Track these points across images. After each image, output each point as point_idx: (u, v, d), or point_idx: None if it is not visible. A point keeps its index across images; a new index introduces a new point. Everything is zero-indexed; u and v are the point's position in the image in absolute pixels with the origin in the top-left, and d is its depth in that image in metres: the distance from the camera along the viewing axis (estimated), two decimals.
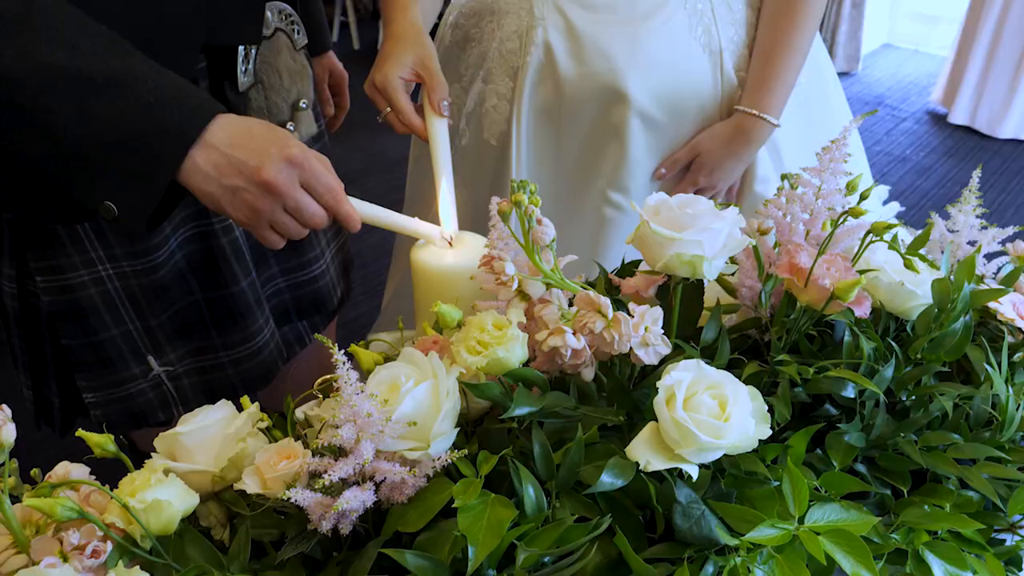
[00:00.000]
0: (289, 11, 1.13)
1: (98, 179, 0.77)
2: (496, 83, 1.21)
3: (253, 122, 0.80)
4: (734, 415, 0.58)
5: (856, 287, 0.66)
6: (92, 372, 1.13)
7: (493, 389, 0.59)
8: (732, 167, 1.18)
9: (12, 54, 0.73)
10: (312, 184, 0.80)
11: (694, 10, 1.13)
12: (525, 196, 0.60)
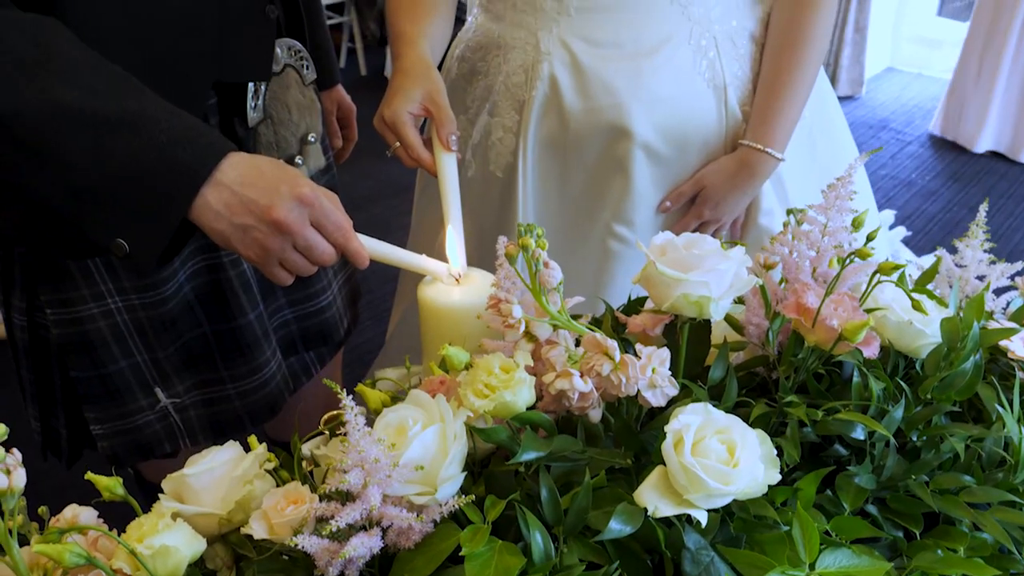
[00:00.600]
0: (299, 47, 1.14)
1: (110, 217, 0.78)
2: (502, 116, 1.21)
3: (263, 160, 0.81)
4: (743, 461, 0.57)
5: (864, 329, 0.66)
6: (100, 404, 1.13)
7: (500, 433, 0.59)
8: (737, 201, 1.18)
9: (29, 95, 0.74)
10: (322, 222, 0.81)
11: (698, 46, 1.14)
12: (532, 240, 0.60)
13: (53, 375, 1.14)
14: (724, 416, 0.60)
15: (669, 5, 1.12)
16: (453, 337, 0.83)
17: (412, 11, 1.14)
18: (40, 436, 1.21)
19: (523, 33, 1.18)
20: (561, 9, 1.13)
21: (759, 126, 1.14)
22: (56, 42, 0.77)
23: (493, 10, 1.23)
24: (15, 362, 1.17)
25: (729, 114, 1.16)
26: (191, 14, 0.95)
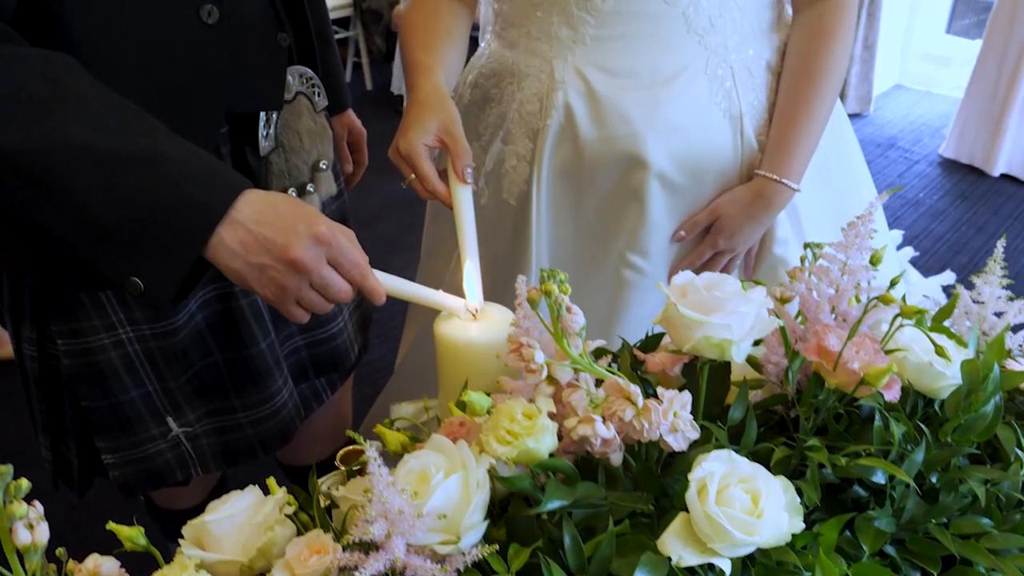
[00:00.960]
0: (310, 74, 1.14)
1: (125, 255, 0.77)
2: (516, 144, 1.21)
3: (279, 198, 0.81)
4: (767, 511, 0.57)
5: (887, 374, 0.65)
6: (111, 434, 1.13)
7: (523, 481, 0.58)
8: (752, 231, 1.18)
9: (41, 134, 0.73)
10: (339, 261, 0.81)
11: (715, 76, 1.14)
12: (555, 286, 0.60)
13: (64, 405, 1.14)
14: (748, 464, 0.60)
15: (686, 34, 1.12)
16: (470, 373, 0.83)
17: (426, 39, 1.14)
18: (51, 465, 1.21)
19: (537, 61, 1.18)
20: (576, 38, 1.13)
21: (776, 157, 1.14)
22: (68, 78, 0.77)
23: (507, 37, 1.23)
24: (25, 392, 1.17)
25: (745, 144, 1.16)
26: (203, 45, 0.95)
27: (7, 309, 1.10)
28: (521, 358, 0.62)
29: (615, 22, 1.11)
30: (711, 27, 1.12)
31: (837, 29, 1.12)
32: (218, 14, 0.94)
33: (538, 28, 1.16)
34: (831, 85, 1.13)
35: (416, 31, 1.16)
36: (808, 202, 1.24)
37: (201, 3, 0.93)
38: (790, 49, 1.17)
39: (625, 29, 1.11)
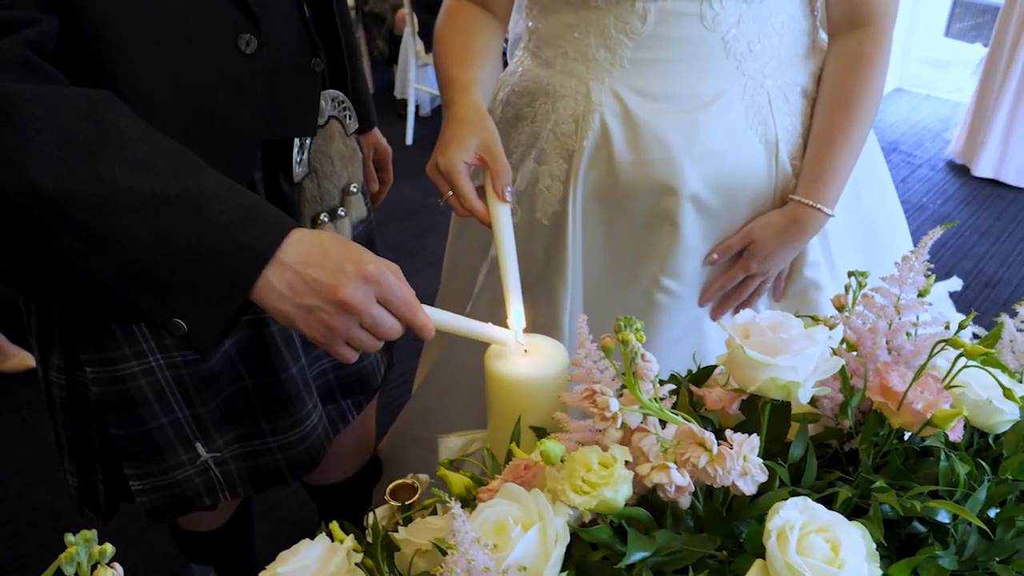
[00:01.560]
0: (342, 98, 1.14)
1: (169, 298, 0.76)
2: (550, 164, 1.21)
3: (326, 237, 0.79)
4: (848, 560, 0.57)
5: (956, 417, 0.65)
6: (140, 460, 1.12)
7: (604, 533, 0.58)
8: (785, 255, 1.18)
9: (85, 176, 0.72)
10: (388, 299, 0.79)
11: (752, 101, 1.14)
12: (632, 335, 0.59)
13: (91, 432, 1.14)
14: (827, 513, 0.59)
15: (724, 60, 1.11)
16: (522, 409, 0.83)
17: (462, 56, 1.13)
18: (77, 491, 1.21)
19: (574, 82, 1.17)
20: (614, 60, 1.13)
21: (811, 183, 1.14)
22: (111, 119, 0.76)
23: (542, 56, 1.22)
24: (52, 419, 1.16)
25: (780, 169, 1.16)
26: (241, 76, 0.94)
27: (35, 336, 1.09)
28: (595, 405, 0.62)
29: (654, 46, 1.10)
30: (750, 52, 1.12)
31: (876, 56, 1.12)
32: (256, 44, 0.94)
33: (575, 49, 1.16)
34: (868, 112, 1.13)
35: (452, 46, 1.15)
36: (838, 226, 1.24)
37: (240, 33, 0.93)
38: (827, 75, 1.17)
39: (664, 53, 1.11)
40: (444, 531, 0.69)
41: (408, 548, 0.69)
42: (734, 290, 1.23)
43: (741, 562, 0.63)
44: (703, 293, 1.22)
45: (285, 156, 1.06)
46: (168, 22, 0.87)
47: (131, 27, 0.85)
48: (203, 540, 1.52)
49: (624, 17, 1.09)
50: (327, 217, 1.13)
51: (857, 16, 1.12)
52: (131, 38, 0.85)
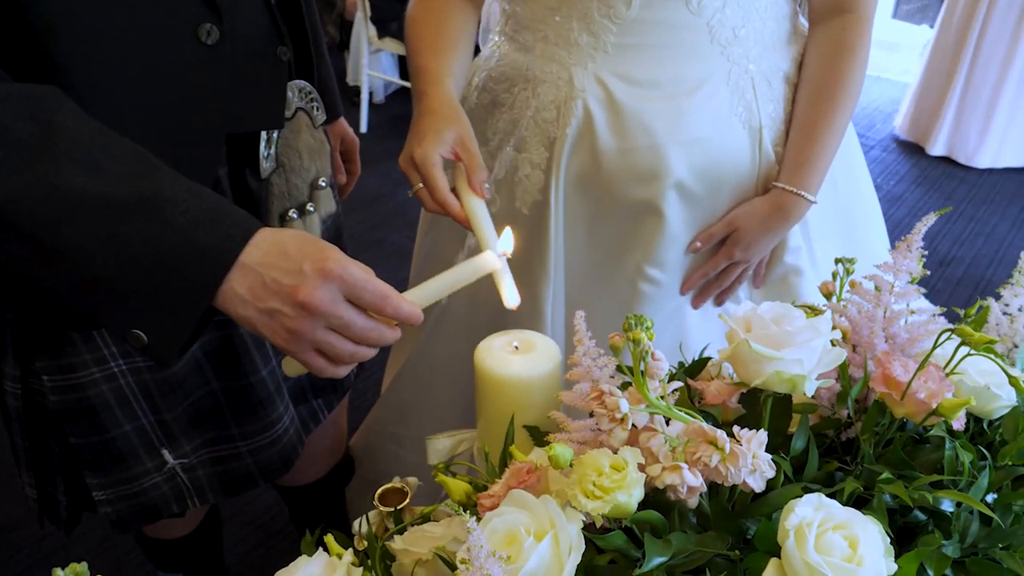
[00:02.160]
0: (308, 88, 1.09)
1: (127, 309, 0.70)
2: (530, 152, 1.18)
3: (289, 235, 0.73)
4: (867, 557, 0.56)
5: (963, 407, 0.65)
6: (103, 470, 1.08)
7: (619, 539, 0.56)
8: (768, 242, 1.17)
9: (29, 179, 0.66)
10: (358, 296, 0.72)
11: (736, 87, 1.12)
12: (643, 334, 0.57)
13: (50, 442, 1.08)
14: (842, 509, 0.58)
15: (709, 45, 1.10)
16: (514, 408, 0.80)
17: (435, 43, 1.10)
18: (36, 504, 1.15)
19: (555, 67, 1.14)
20: (597, 45, 1.10)
21: (795, 170, 1.13)
22: (57, 117, 0.69)
23: (520, 40, 1.19)
24: (7, 430, 1.10)
25: (763, 155, 1.15)
26: (202, 67, 0.89)
27: None
28: (603, 406, 0.60)
29: (638, 31, 1.09)
30: (734, 37, 1.10)
31: (858, 43, 1.12)
32: (218, 34, 0.89)
33: (556, 33, 1.13)
34: (851, 99, 1.13)
35: (424, 32, 1.11)
36: (817, 211, 1.23)
37: (200, 23, 0.87)
38: (809, 61, 1.16)
39: (648, 39, 1.09)
40: (444, 539, 0.67)
41: (407, 558, 0.67)
42: (716, 278, 1.22)
43: (753, 560, 0.62)
44: (685, 281, 1.21)
45: (251, 151, 1.02)
46: (124, 12, 0.82)
47: (84, 18, 0.79)
48: (171, 548, 1.47)
49: (608, 1, 1.07)
50: (296, 213, 1.09)
51: (840, 2, 1.12)
52: (84, 30, 0.80)
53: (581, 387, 0.69)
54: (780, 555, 0.59)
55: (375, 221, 3.41)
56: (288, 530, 1.99)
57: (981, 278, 3.08)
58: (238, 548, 1.95)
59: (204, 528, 1.48)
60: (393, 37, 3.98)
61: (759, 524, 0.64)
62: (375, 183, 3.66)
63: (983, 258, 3.21)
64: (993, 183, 3.82)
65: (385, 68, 4.56)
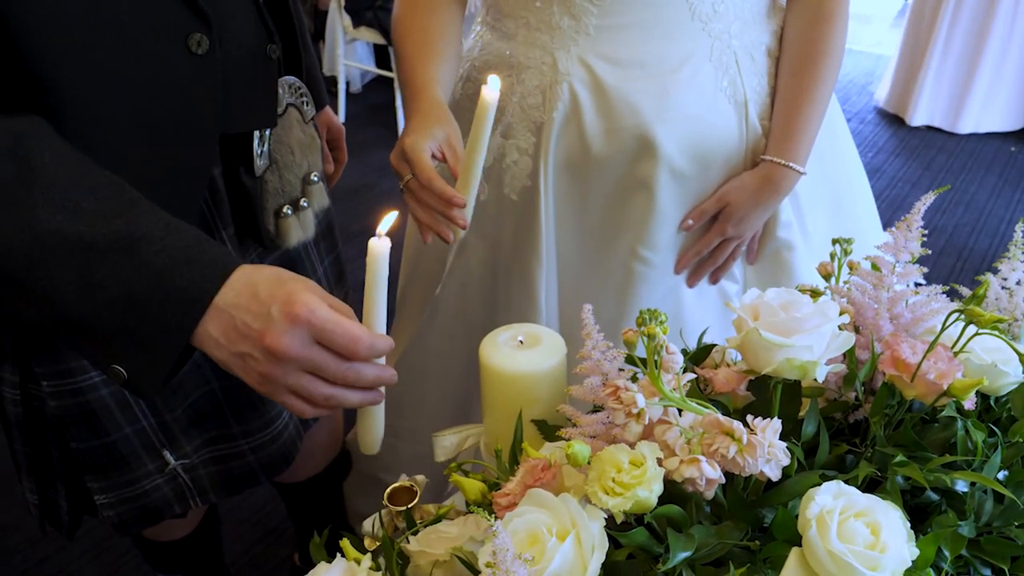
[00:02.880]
0: (298, 84, 1.08)
1: (106, 346, 0.70)
2: (517, 138, 1.18)
3: (261, 276, 0.71)
4: (890, 544, 0.56)
5: (975, 387, 0.65)
6: (104, 473, 1.07)
7: (642, 536, 0.56)
8: (759, 216, 1.18)
9: (6, 221, 0.66)
10: (327, 340, 0.69)
11: (719, 62, 1.13)
12: (657, 328, 0.57)
13: (50, 447, 1.08)
14: (863, 496, 0.58)
15: (690, 21, 1.10)
16: (521, 403, 0.80)
17: (423, 52, 1.11)
18: (37, 509, 1.15)
19: (538, 52, 1.14)
20: (579, 28, 1.10)
21: (782, 142, 1.14)
22: (36, 155, 0.69)
23: (501, 28, 1.18)
24: (7, 436, 1.10)
25: (750, 129, 1.16)
26: (193, 77, 0.88)
27: None
28: (619, 402, 0.59)
29: (619, 11, 1.08)
30: (714, 13, 1.11)
31: (837, 12, 1.13)
32: (208, 43, 0.87)
33: (537, 18, 1.12)
34: (833, 67, 1.14)
35: (412, 39, 1.11)
36: (806, 185, 1.24)
37: (189, 33, 0.86)
38: (789, 33, 1.16)
39: (629, 18, 1.09)
40: (460, 539, 0.66)
41: (424, 560, 0.66)
42: (709, 255, 1.22)
43: (772, 549, 0.62)
44: (679, 260, 1.22)
45: (244, 149, 1.01)
46: (112, 26, 0.80)
47: (71, 34, 0.78)
48: (170, 550, 1.46)
49: None
50: (290, 209, 1.08)
51: None
52: (71, 46, 0.78)
53: (592, 381, 0.68)
54: (800, 543, 0.59)
55: (358, 212, 3.38)
56: (285, 526, 1.98)
57: (963, 247, 3.10)
58: (236, 546, 1.94)
59: (203, 529, 1.47)
60: (368, 26, 3.93)
61: (775, 512, 0.64)
62: (356, 173, 3.63)
63: (964, 227, 3.24)
64: (971, 152, 3.85)
65: (361, 57, 4.51)
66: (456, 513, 0.72)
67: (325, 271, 1.27)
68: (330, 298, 0.72)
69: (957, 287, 0.95)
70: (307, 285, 0.71)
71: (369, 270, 0.70)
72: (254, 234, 1.06)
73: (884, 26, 4.41)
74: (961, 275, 2.93)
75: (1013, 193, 3.49)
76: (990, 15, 3.77)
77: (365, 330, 0.70)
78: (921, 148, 3.88)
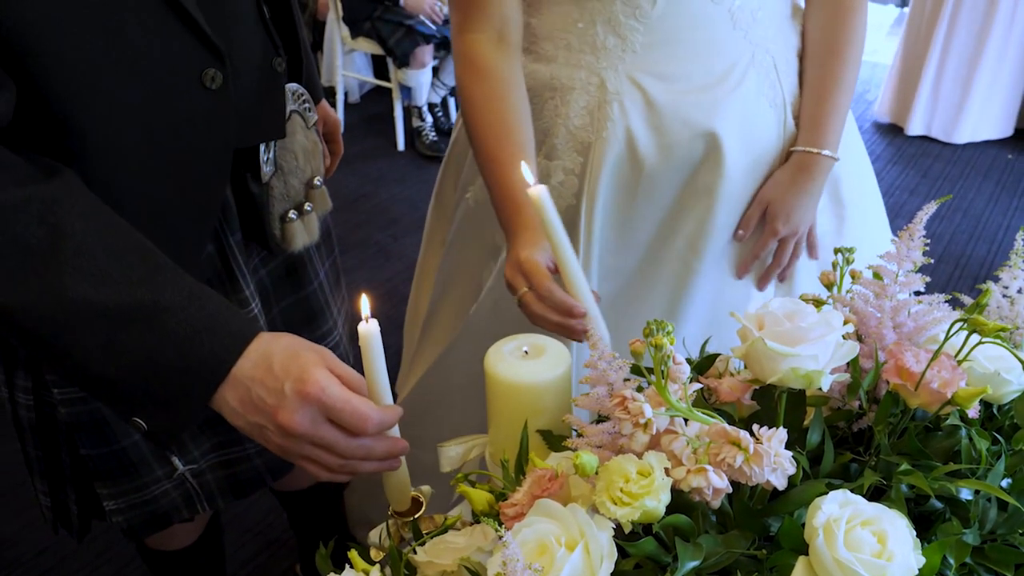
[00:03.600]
0: (301, 91, 1.10)
1: (127, 403, 0.74)
2: (563, 159, 1.19)
3: (277, 348, 0.74)
4: (897, 552, 0.56)
5: (979, 396, 0.65)
6: (113, 479, 1.09)
7: (650, 545, 0.56)
8: (804, 207, 1.19)
9: (35, 288, 0.69)
10: (339, 418, 0.72)
11: (760, 68, 1.16)
12: (665, 339, 0.57)
13: (62, 452, 1.10)
14: (869, 505, 0.59)
15: (732, 31, 1.12)
16: (526, 413, 0.80)
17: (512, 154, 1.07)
18: (50, 512, 1.17)
19: (583, 73, 1.15)
20: (626, 46, 1.11)
21: (812, 131, 1.16)
22: (67, 222, 0.71)
23: (538, 52, 1.19)
24: (20, 440, 1.12)
25: (787, 131, 1.19)
26: (208, 111, 0.89)
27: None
28: (627, 412, 0.60)
29: (664, 27, 1.10)
30: (754, 21, 1.13)
31: (859, 3, 1.17)
32: (221, 78, 0.88)
33: (580, 39, 1.14)
34: (857, 57, 1.17)
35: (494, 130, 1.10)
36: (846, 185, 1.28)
37: (204, 69, 0.87)
38: (813, 26, 1.19)
39: (675, 33, 1.11)
40: (468, 549, 0.66)
41: (431, 570, 0.66)
42: (773, 259, 1.24)
43: (779, 558, 0.62)
44: (739, 267, 1.24)
45: (252, 158, 1.02)
46: (132, 70, 0.82)
47: (94, 81, 0.80)
48: (173, 560, 1.46)
49: (633, 2, 1.08)
50: (295, 214, 1.09)
51: None
52: (95, 92, 0.80)
53: (598, 391, 0.69)
54: (807, 552, 0.60)
55: (357, 221, 3.39)
56: (287, 537, 1.98)
57: (961, 254, 3.11)
58: (238, 555, 1.94)
59: (206, 539, 1.47)
60: (366, 37, 3.95)
61: (782, 521, 0.64)
62: (354, 183, 3.64)
63: (962, 234, 3.25)
64: (968, 159, 3.86)
65: (359, 68, 4.53)
66: (462, 524, 0.72)
67: (326, 274, 1.28)
68: (342, 368, 0.75)
69: (958, 295, 0.95)
70: (321, 358, 0.74)
71: (364, 351, 0.72)
72: (260, 239, 1.08)
73: (881, 35, 4.42)
74: (959, 282, 2.93)
75: (1010, 200, 3.51)
76: (987, 24, 3.79)
77: (374, 408, 0.73)
78: (918, 156, 3.89)
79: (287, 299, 1.21)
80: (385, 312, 2.73)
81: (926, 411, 0.72)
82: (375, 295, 0.78)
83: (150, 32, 0.81)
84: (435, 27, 3.86)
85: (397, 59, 3.86)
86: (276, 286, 1.18)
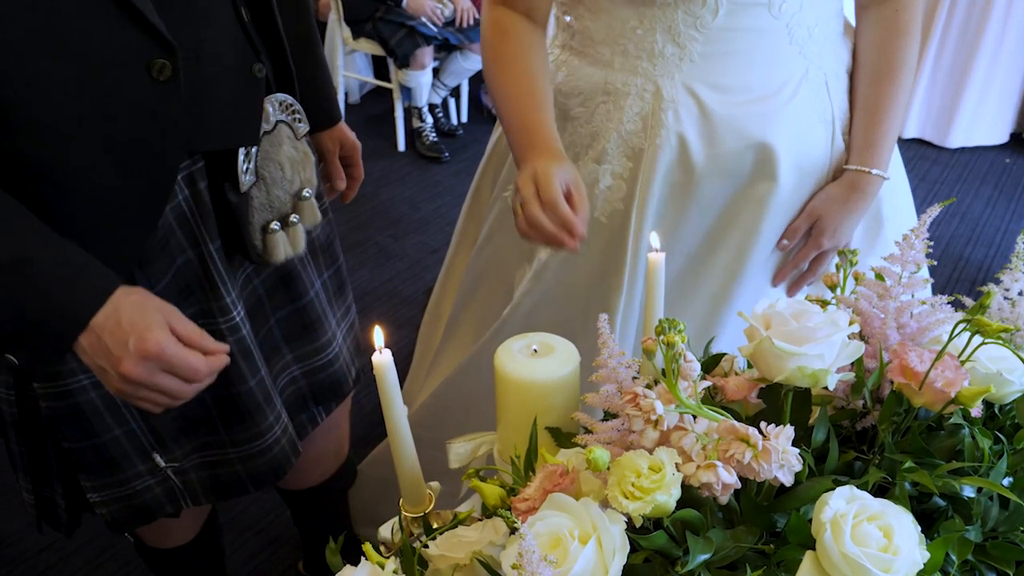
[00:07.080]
0: (290, 101, 1.09)
1: None
2: (613, 163, 1.20)
3: (128, 302, 0.84)
4: (902, 547, 0.57)
5: (982, 395, 0.66)
6: (96, 472, 1.10)
7: (661, 539, 0.57)
8: (850, 224, 1.21)
9: None
10: (174, 371, 0.85)
11: (814, 84, 1.16)
12: (677, 337, 0.58)
13: (46, 447, 1.10)
14: (875, 501, 0.60)
15: (788, 46, 1.13)
16: (536, 411, 0.81)
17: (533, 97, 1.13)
18: (34, 509, 1.17)
19: (639, 80, 1.16)
20: (684, 55, 1.12)
21: (864, 150, 1.17)
22: None
23: (592, 55, 1.20)
24: (3, 437, 1.12)
25: (835, 147, 1.20)
26: (153, 102, 0.89)
27: None
28: (638, 409, 0.61)
29: (723, 39, 1.11)
30: (809, 37, 1.14)
31: (911, 24, 1.17)
32: (171, 70, 0.88)
33: (637, 46, 1.15)
34: (909, 77, 1.18)
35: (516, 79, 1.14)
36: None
37: (151, 60, 0.87)
38: (866, 44, 1.20)
39: (734, 45, 1.12)
40: (480, 543, 0.67)
41: (443, 564, 0.67)
42: (809, 269, 1.26)
43: (786, 553, 0.63)
44: (776, 275, 1.26)
45: (231, 166, 1.02)
46: (69, 53, 0.83)
47: (27, 59, 0.81)
48: (172, 557, 1.47)
49: (694, 12, 1.09)
50: (278, 225, 1.09)
51: None
52: (28, 71, 0.82)
53: (608, 389, 0.70)
54: (814, 547, 0.61)
55: (357, 221, 3.39)
56: (288, 535, 1.99)
57: (960, 257, 3.13)
58: (239, 554, 1.95)
59: (204, 537, 1.47)
60: (367, 37, 3.96)
61: (789, 517, 0.65)
62: None
63: (960, 237, 3.27)
64: (965, 163, 3.88)
65: (360, 68, 4.54)
66: (472, 519, 0.73)
67: (324, 284, 1.28)
68: (183, 325, 0.87)
69: (960, 297, 0.97)
70: (164, 317, 0.85)
71: (380, 381, 0.76)
72: (240, 249, 1.08)
73: None
74: (958, 285, 2.95)
75: (1008, 204, 3.53)
76: (980, 29, 3.81)
77: (203, 361, 0.87)
78: (916, 160, 3.91)
79: (283, 309, 1.21)
80: (386, 313, 2.75)
81: (929, 410, 0.73)
82: (375, 295, 0.81)
83: (86, 14, 0.83)
84: (436, 28, 3.87)
85: (398, 60, 3.87)
86: (270, 295, 1.19)
